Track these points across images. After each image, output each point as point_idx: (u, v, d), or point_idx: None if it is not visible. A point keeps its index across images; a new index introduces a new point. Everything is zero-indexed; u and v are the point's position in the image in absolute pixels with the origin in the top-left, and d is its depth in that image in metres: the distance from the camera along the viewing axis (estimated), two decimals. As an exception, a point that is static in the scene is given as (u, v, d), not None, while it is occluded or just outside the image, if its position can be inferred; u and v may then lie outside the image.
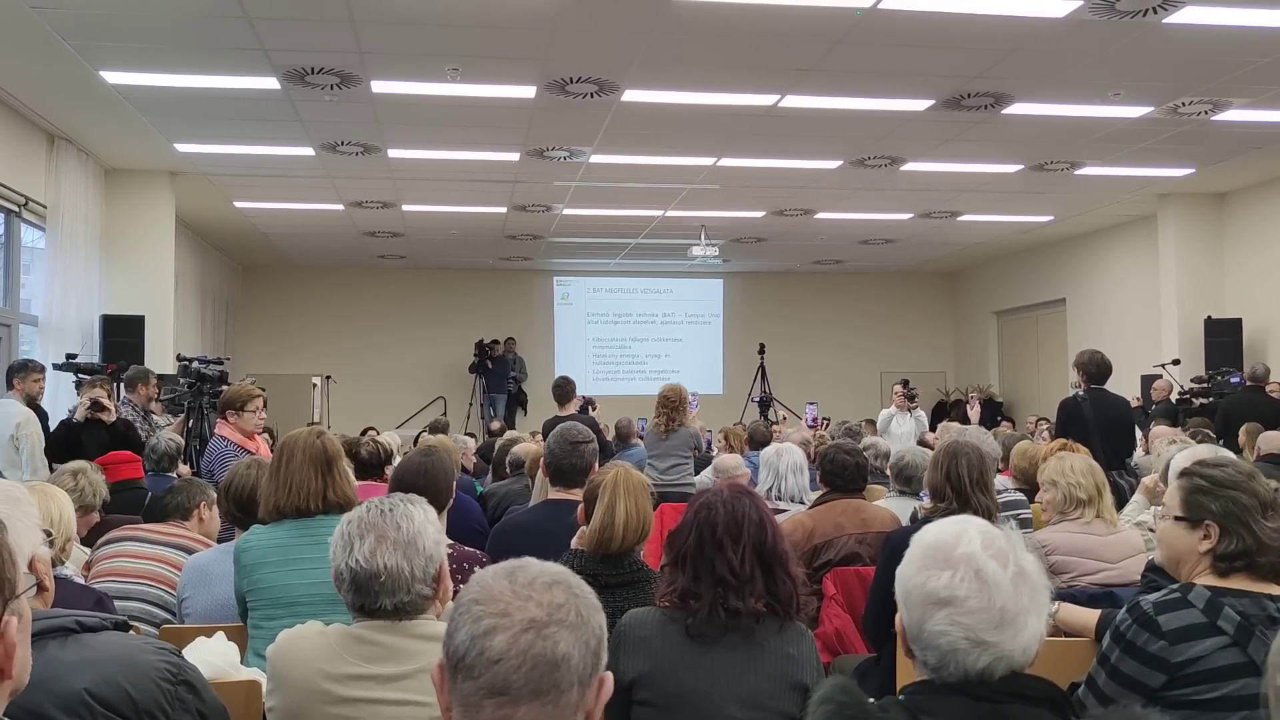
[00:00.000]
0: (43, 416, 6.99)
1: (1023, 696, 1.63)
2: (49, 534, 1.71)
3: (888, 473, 6.60)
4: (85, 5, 6.25)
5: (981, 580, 1.61)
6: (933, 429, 9.65)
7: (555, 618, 1.28)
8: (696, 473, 7.54)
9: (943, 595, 1.61)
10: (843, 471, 4.42)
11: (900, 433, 9.53)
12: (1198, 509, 2.34)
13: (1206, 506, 2.32)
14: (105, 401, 6.30)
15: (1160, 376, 10.98)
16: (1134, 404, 10.39)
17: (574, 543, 3.16)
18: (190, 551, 3.58)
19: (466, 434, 12.86)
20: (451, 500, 3.73)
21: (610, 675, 1.34)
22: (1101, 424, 6.60)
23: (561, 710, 1.26)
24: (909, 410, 9.67)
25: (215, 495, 3.88)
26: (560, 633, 1.27)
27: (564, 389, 7.95)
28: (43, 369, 7.20)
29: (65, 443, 6.21)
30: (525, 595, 1.29)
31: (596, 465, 3.78)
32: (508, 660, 1.25)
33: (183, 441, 6.44)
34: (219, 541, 3.77)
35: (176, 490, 3.97)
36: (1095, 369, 6.86)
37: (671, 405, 7.47)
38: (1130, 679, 2.23)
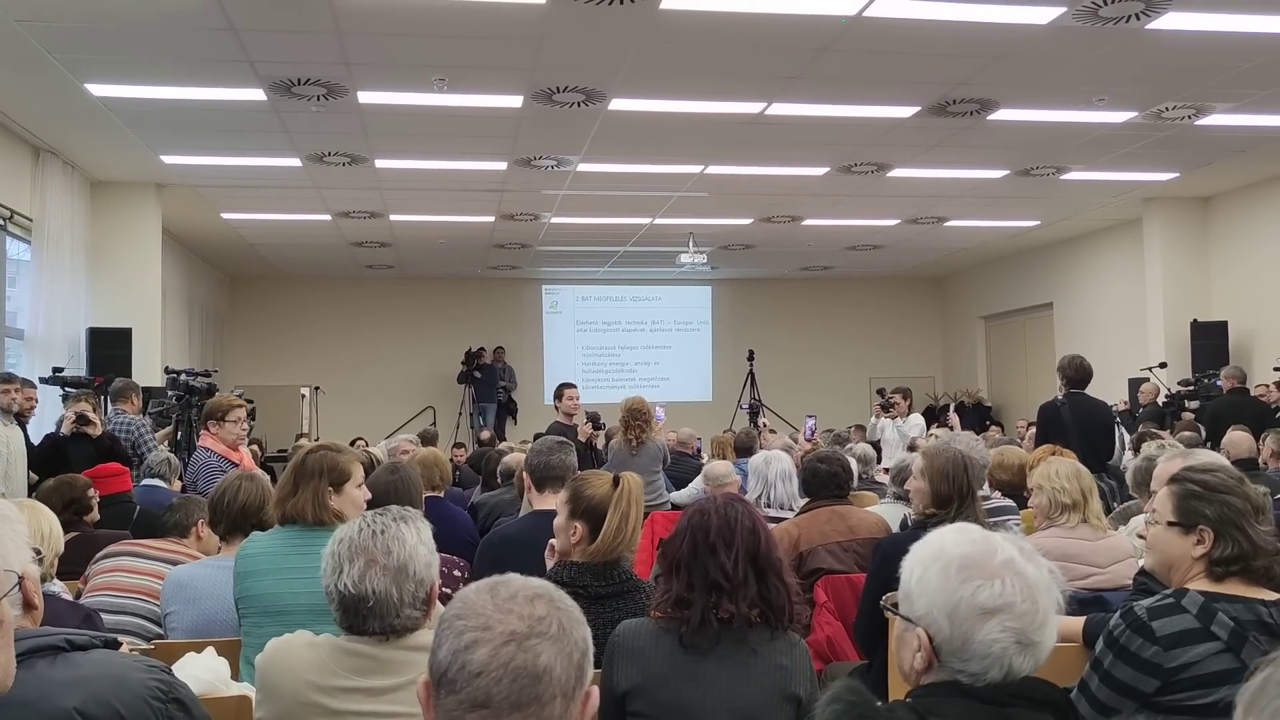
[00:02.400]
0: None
1: (1029, 700, 1.64)
2: (38, 552, 1.70)
3: (875, 478, 6.64)
4: (70, 18, 6.22)
5: (1027, 584, 1.65)
6: (929, 433, 9.64)
7: (536, 630, 1.28)
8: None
9: (996, 604, 1.63)
10: (816, 479, 4.50)
11: (888, 439, 9.55)
12: (1191, 514, 2.34)
13: (1200, 511, 2.33)
14: (91, 415, 6.27)
15: (1147, 380, 11.03)
16: (1122, 407, 10.45)
17: (552, 552, 3.07)
18: (183, 567, 3.58)
19: (456, 445, 12.84)
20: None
21: (596, 690, 1.34)
22: (1080, 427, 6.63)
23: None
24: (890, 417, 9.65)
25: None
26: (541, 645, 1.27)
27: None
28: (10, 379, 6.65)
29: (50, 456, 6.17)
30: (506, 609, 1.30)
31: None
32: (489, 673, 1.25)
33: (175, 459, 6.40)
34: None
35: (175, 508, 3.99)
36: (1074, 373, 6.91)
37: (640, 419, 7.16)
38: (1123, 684, 2.24)
